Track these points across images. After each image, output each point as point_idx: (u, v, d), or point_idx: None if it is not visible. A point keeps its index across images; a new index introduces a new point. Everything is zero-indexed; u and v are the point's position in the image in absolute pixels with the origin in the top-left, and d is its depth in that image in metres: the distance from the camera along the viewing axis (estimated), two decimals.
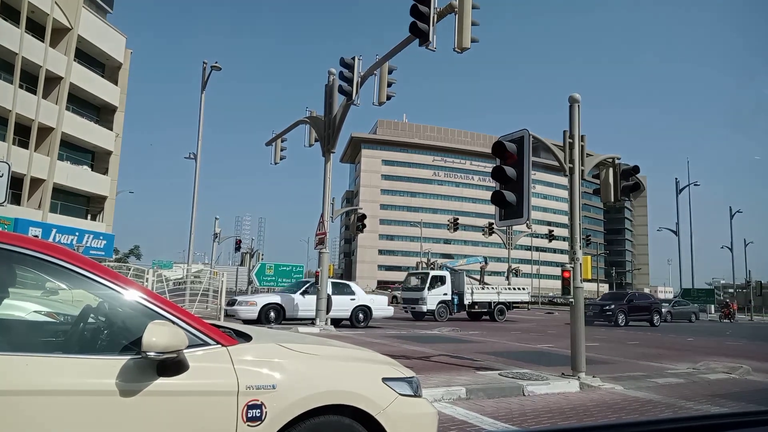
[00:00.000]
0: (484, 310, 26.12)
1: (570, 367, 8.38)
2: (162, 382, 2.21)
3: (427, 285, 24.45)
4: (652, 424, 0.95)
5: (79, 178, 33.42)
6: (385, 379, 2.82)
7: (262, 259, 44.32)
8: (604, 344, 15.28)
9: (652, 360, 11.70)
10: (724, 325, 31.60)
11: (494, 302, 26.42)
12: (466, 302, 25.42)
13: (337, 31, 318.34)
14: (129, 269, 19.37)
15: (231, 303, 17.65)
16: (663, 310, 29.78)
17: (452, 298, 25.02)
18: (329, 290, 18.24)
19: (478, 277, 31.21)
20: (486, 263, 33.37)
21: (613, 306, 25.53)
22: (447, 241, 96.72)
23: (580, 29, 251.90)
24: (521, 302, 29.08)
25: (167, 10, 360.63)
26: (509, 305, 27.35)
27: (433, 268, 36.19)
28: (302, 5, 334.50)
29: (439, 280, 25.04)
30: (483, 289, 27.15)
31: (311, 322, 17.17)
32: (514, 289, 29.60)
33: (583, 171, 8.79)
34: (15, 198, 27.41)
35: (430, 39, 11.50)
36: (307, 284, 18.67)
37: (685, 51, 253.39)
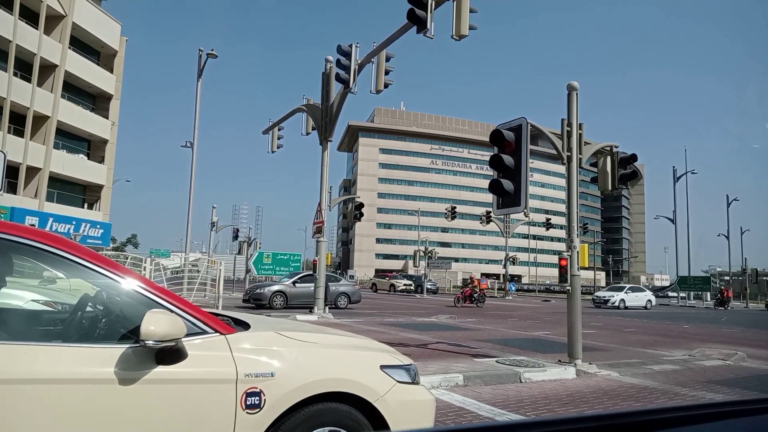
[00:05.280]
0: None
1: (567, 354, 8.45)
2: (161, 370, 2.22)
3: None
4: (648, 413, 0.96)
5: (76, 166, 33.25)
6: (383, 367, 2.84)
7: (260, 248, 44.22)
8: (600, 331, 15.40)
9: (649, 347, 11.80)
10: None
11: None
12: None
13: (335, 18, 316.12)
14: (126, 258, 19.34)
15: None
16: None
17: None
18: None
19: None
20: None
21: None
22: (444, 230, 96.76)
23: (583, 19, 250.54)
24: None
25: None
26: None
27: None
28: None
29: None
30: None
31: (309, 310, 17.23)
32: None
33: (580, 159, 8.78)
34: (11, 187, 27.30)
35: (428, 26, 11.40)
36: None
37: (688, 42, 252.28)
